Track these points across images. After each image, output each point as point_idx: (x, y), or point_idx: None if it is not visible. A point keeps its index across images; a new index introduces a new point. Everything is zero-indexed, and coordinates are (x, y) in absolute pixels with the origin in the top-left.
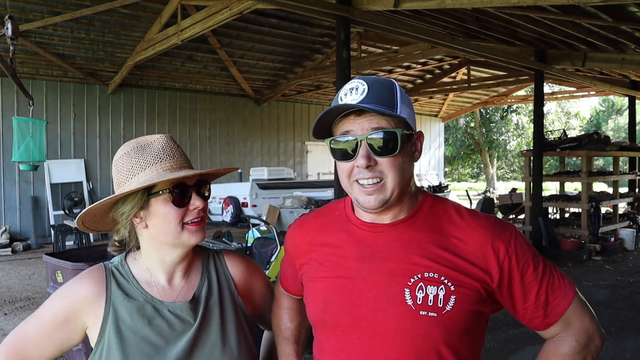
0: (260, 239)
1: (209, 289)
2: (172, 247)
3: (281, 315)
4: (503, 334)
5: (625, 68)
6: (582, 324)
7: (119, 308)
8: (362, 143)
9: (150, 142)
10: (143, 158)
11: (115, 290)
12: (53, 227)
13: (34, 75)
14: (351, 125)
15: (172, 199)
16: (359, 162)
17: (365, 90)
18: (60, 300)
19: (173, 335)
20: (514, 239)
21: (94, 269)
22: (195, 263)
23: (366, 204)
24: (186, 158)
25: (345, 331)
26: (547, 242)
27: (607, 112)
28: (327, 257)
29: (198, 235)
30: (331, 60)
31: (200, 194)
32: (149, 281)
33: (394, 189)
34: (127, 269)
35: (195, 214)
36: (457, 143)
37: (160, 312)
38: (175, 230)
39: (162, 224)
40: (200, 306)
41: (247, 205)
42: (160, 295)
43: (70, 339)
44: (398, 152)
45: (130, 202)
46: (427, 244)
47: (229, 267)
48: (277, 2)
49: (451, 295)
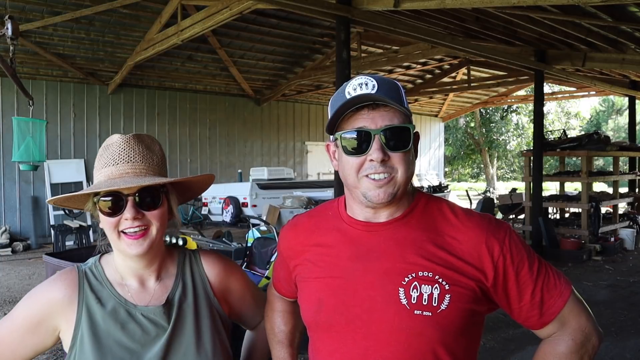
0: (260, 239)
1: (184, 291)
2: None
3: (274, 318)
4: (503, 334)
5: (625, 68)
6: (578, 323)
7: (92, 312)
8: (375, 137)
9: (111, 144)
10: (103, 159)
11: (88, 294)
12: (53, 227)
13: (34, 75)
14: (364, 119)
15: (102, 205)
16: (373, 156)
17: (376, 86)
18: (32, 304)
19: (147, 339)
20: (509, 238)
21: (67, 271)
22: (169, 264)
23: (375, 198)
24: (149, 162)
25: (339, 332)
26: (547, 242)
27: (607, 112)
28: (321, 257)
29: (135, 248)
30: (331, 60)
31: (141, 204)
32: (122, 284)
33: (401, 184)
34: (100, 270)
35: (128, 224)
36: (457, 143)
37: (133, 316)
38: (113, 238)
39: (105, 229)
40: (174, 309)
41: (247, 205)
42: (133, 298)
43: (44, 341)
44: (409, 148)
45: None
46: (422, 243)
47: (205, 268)
48: (277, 2)
49: (446, 295)
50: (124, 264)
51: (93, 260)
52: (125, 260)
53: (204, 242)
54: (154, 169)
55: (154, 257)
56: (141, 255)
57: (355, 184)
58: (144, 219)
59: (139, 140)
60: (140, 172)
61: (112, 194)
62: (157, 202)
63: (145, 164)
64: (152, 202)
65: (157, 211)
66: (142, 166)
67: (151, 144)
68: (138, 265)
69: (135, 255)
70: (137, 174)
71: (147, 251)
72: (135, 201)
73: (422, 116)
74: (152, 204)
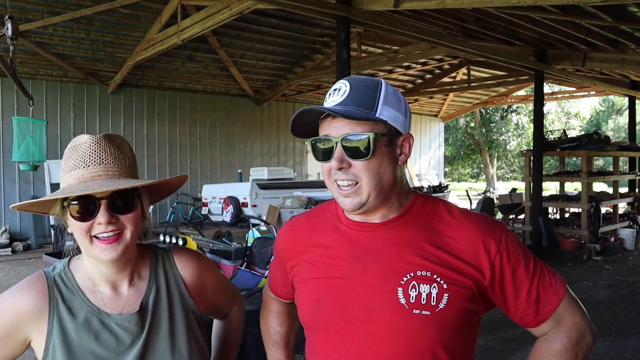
0: (260, 239)
1: (157, 295)
2: (95, 260)
3: (270, 319)
4: (503, 334)
5: (625, 68)
6: (573, 321)
7: (63, 323)
8: (337, 145)
9: (79, 144)
10: (71, 160)
11: (59, 304)
12: (53, 227)
13: (34, 75)
14: (328, 128)
15: (72, 210)
16: (332, 164)
17: (347, 91)
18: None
19: (121, 348)
20: (505, 237)
21: (35, 279)
22: (142, 266)
23: (344, 206)
24: (121, 164)
25: (338, 332)
26: (547, 242)
27: (607, 112)
28: (319, 257)
29: (109, 253)
30: (331, 60)
31: (114, 208)
32: (93, 290)
33: (370, 192)
34: (70, 277)
35: (102, 228)
36: (457, 143)
37: (107, 325)
38: (84, 243)
39: (75, 234)
40: (148, 315)
41: (247, 205)
42: (106, 305)
43: (13, 351)
44: (372, 156)
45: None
46: (419, 243)
47: (178, 268)
48: (277, 2)
49: (444, 293)
50: (95, 270)
51: (61, 265)
52: (97, 266)
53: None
54: (127, 170)
55: (127, 262)
56: (115, 260)
57: (330, 188)
58: (118, 222)
59: (110, 141)
60: (113, 175)
61: (84, 198)
62: (132, 205)
63: (118, 166)
64: (125, 206)
65: (132, 214)
66: (115, 168)
67: (122, 144)
68: (110, 271)
69: (109, 261)
70: (110, 177)
71: (121, 256)
72: (108, 205)
73: (422, 116)
74: (125, 207)
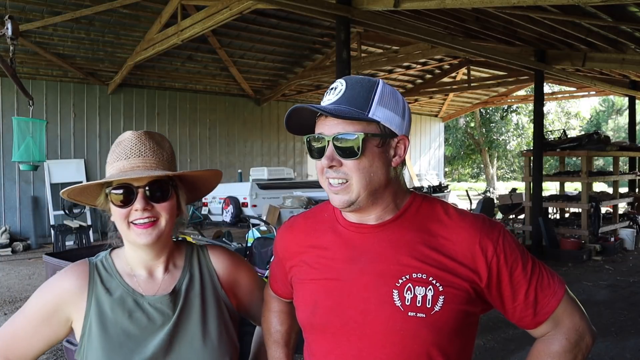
0: (260, 239)
1: (191, 282)
2: (133, 244)
3: (271, 318)
4: (503, 334)
5: (625, 68)
6: (572, 322)
7: (100, 301)
8: (329, 143)
9: (123, 140)
10: (115, 153)
11: (98, 284)
12: (53, 227)
13: (34, 75)
14: (322, 126)
15: (113, 197)
16: (322, 162)
17: (342, 91)
18: (44, 295)
19: (153, 327)
20: (502, 238)
21: (78, 263)
22: (177, 257)
23: (334, 203)
24: (160, 157)
25: (334, 333)
26: (547, 242)
27: (607, 112)
28: (317, 259)
29: (144, 237)
30: (331, 60)
31: (151, 196)
32: (131, 274)
33: (359, 192)
34: (110, 262)
35: (138, 215)
36: (457, 143)
37: (140, 305)
38: (123, 228)
39: (115, 220)
40: (181, 299)
41: (247, 205)
42: (142, 288)
43: (56, 332)
44: (361, 156)
45: (102, 194)
46: (415, 245)
47: (212, 261)
48: (277, 2)
49: (440, 296)
50: (134, 255)
51: (104, 253)
52: (136, 251)
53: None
54: (164, 164)
55: (163, 249)
56: (150, 244)
57: (322, 184)
58: (153, 210)
59: (150, 137)
60: (150, 166)
61: (123, 186)
62: (166, 195)
63: (156, 159)
64: (161, 195)
65: (166, 203)
66: (153, 160)
67: (161, 140)
68: (147, 256)
69: (145, 245)
70: (148, 167)
71: (156, 241)
72: (145, 193)
73: (422, 116)
74: (161, 196)
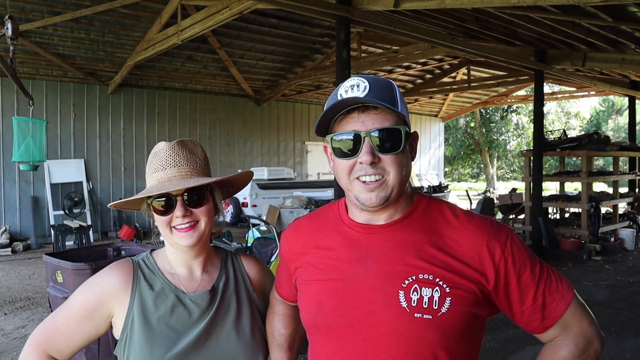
0: (260, 239)
1: (226, 282)
2: (174, 246)
3: (275, 321)
4: (503, 334)
5: (625, 68)
6: (580, 328)
7: (143, 296)
8: (365, 139)
9: (158, 151)
10: (153, 165)
11: (141, 280)
12: (53, 227)
13: (34, 75)
14: (355, 122)
15: (155, 206)
16: (362, 158)
17: (367, 87)
18: (89, 290)
19: (192, 321)
20: (510, 241)
21: (122, 261)
22: (214, 259)
23: (367, 202)
24: (193, 165)
25: (339, 335)
26: (547, 242)
27: (607, 112)
28: (322, 259)
29: (186, 240)
30: (331, 60)
31: (189, 202)
32: (172, 273)
33: (394, 187)
34: (152, 261)
35: (179, 221)
36: (457, 143)
37: (182, 300)
38: (166, 233)
39: (158, 225)
40: (218, 296)
41: (247, 205)
42: (182, 285)
43: (97, 327)
44: (401, 150)
45: (144, 202)
46: (422, 245)
47: (245, 266)
48: (277, 2)
49: (446, 297)
50: (175, 256)
51: (144, 254)
52: (177, 252)
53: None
54: (198, 170)
55: (202, 249)
56: (191, 246)
57: (347, 186)
58: (193, 215)
59: (183, 146)
60: (185, 175)
61: (164, 196)
62: (203, 199)
63: (190, 167)
64: (198, 200)
65: (203, 208)
66: (187, 169)
67: (194, 148)
68: (188, 256)
69: (186, 247)
70: (183, 177)
71: (196, 243)
72: (183, 200)
73: (422, 116)
74: (198, 201)
